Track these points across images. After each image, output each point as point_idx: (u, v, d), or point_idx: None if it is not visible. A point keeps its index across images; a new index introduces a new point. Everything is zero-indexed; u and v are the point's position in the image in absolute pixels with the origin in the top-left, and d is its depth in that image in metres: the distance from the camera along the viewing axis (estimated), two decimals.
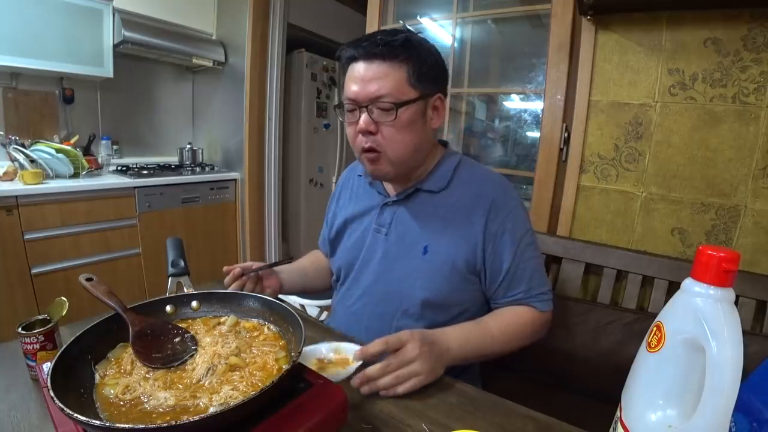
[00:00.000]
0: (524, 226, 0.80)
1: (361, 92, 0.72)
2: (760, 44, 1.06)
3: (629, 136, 1.26)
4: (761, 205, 1.10)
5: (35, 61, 1.85)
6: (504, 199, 0.79)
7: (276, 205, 2.72)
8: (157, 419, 0.44)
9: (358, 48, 0.73)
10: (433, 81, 0.76)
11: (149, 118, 2.62)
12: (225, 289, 0.79)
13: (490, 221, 0.77)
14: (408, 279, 0.80)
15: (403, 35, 0.73)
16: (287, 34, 2.61)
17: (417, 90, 0.73)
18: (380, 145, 0.74)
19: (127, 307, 0.58)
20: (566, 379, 1.15)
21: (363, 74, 0.72)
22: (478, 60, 1.77)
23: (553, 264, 1.34)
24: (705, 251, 0.39)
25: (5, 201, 1.62)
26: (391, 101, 0.71)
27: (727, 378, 0.35)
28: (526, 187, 1.63)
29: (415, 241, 0.80)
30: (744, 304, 1.00)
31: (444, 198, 0.81)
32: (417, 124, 0.75)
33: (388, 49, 0.71)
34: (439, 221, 0.80)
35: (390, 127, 0.72)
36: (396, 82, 0.71)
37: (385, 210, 0.85)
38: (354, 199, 0.92)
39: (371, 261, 0.85)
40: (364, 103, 0.72)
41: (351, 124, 0.76)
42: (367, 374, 0.62)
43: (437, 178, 0.81)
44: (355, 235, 0.89)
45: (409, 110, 0.73)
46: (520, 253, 0.78)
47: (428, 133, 0.79)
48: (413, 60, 0.72)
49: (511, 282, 0.79)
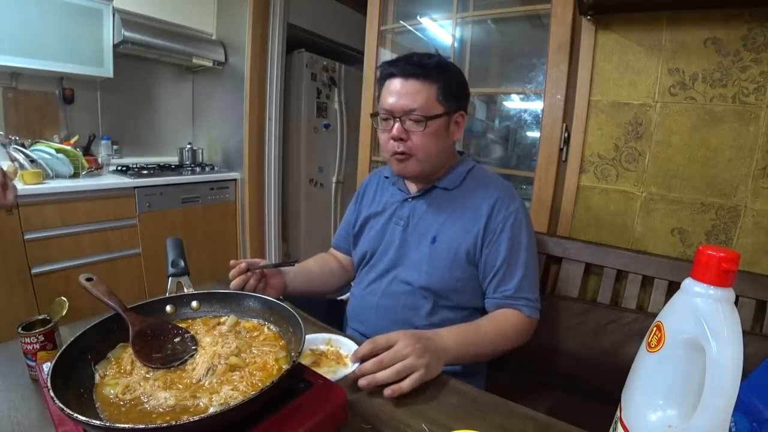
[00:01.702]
0: (522, 231, 0.87)
1: (397, 105, 0.83)
2: (760, 44, 1.06)
3: (629, 136, 1.26)
4: (761, 205, 1.10)
5: (35, 61, 1.85)
6: (508, 200, 0.88)
7: (276, 205, 2.72)
8: (157, 419, 0.44)
9: (396, 66, 0.84)
10: (457, 100, 0.87)
11: (149, 118, 2.62)
12: (226, 287, 0.80)
13: (492, 218, 0.86)
14: (416, 264, 0.90)
15: (436, 59, 0.85)
16: (287, 34, 2.61)
17: (443, 106, 0.85)
18: (410, 149, 0.85)
19: (127, 307, 0.58)
20: (566, 379, 1.15)
21: (399, 89, 0.83)
22: (478, 60, 1.77)
23: (553, 264, 1.34)
24: (705, 251, 0.39)
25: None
26: (422, 114, 0.82)
27: (727, 378, 0.35)
28: (526, 187, 1.63)
29: (426, 231, 0.91)
30: (744, 304, 1.00)
31: (456, 195, 0.91)
32: (441, 135, 0.86)
33: (422, 69, 0.82)
34: (449, 215, 0.90)
35: (420, 135, 0.84)
36: (427, 99, 0.82)
37: (405, 205, 0.96)
38: (377, 197, 1.03)
39: (389, 249, 0.95)
40: (398, 115, 0.83)
41: (385, 131, 0.87)
42: (363, 369, 0.63)
43: (452, 178, 0.93)
44: (377, 227, 0.99)
45: (436, 123, 0.84)
46: (515, 251, 0.86)
47: (449, 143, 0.91)
48: (443, 81, 0.84)
49: (504, 277, 0.86)
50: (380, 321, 0.90)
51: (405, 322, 0.90)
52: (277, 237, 2.75)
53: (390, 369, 0.62)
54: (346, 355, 0.72)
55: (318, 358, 0.71)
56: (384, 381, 0.61)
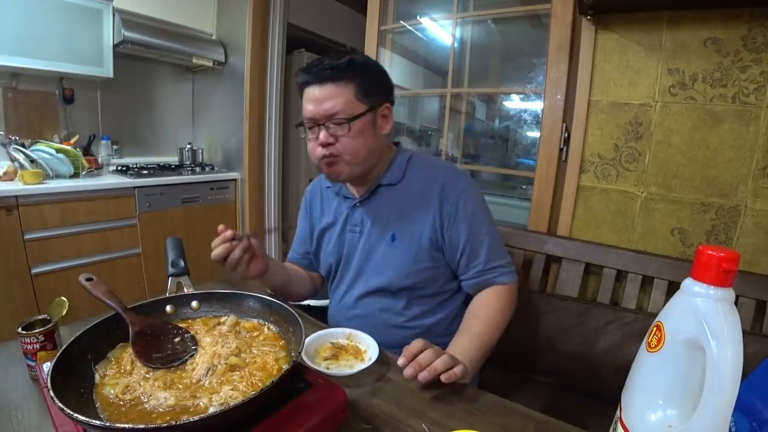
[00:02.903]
0: (475, 204, 0.88)
1: (318, 111, 0.81)
2: (760, 44, 1.06)
3: (629, 136, 1.26)
4: (761, 205, 1.10)
5: (35, 61, 1.85)
6: (454, 182, 0.88)
7: (276, 205, 2.72)
8: (157, 419, 0.44)
9: (309, 74, 0.82)
10: (378, 94, 0.86)
11: (149, 118, 2.62)
12: (226, 287, 0.79)
13: (444, 202, 0.87)
14: (382, 266, 0.90)
15: (347, 58, 0.82)
16: (287, 34, 2.61)
17: (365, 104, 0.83)
18: (338, 152, 0.83)
19: (127, 307, 0.58)
20: (566, 379, 1.15)
21: (317, 95, 0.81)
22: (478, 60, 1.77)
23: (553, 264, 1.34)
24: (705, 251, 0.39)
25: (5, 201, 1.62)
26: (344, 117, 0.81)
27: (727, 378, 0.35)
28: (526, 187, 1.63)
29: (383, 231, 0.90)
30: (744, 304, 1.00)
31: (402, 188, 0.91)
32: (368, 132, 0.85)
33: (335, 72, 0.81)
34: (401, 209, 0.90)
35: (345, 138, 0.82)
36: (346, 100, 0.81)
37: (355, 211, 0.94)
38: (325, 209, 1.01)
39: (352, 258, 0.95)
40: (321, 121, 0.82)
41: (312, 140, 0.86)
42: (420, 361, 0.64)
43: (393, 172, 0.92)
44: (333, 240, 0.97)
45: (360, 122, 0.82)
46: (475, 228, 0.87)
47: (380, 138, 0.89)
48: (359, 78, 0.82)
49: (470, 255, 0.87)
50: (361, 330, 0.84)
51: (384, 323, 0.91)
52: (277, 237, 2.76)
53: (442, 359, 0.65)
54: (364, 350, 0.73)
55: (338, 351, 0.73)
56: (439, 369, 0.63)
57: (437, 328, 0.92)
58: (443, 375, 0.63)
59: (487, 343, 0.80)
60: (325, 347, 0.74)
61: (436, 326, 0.92)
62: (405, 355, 0.65)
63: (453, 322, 0.92)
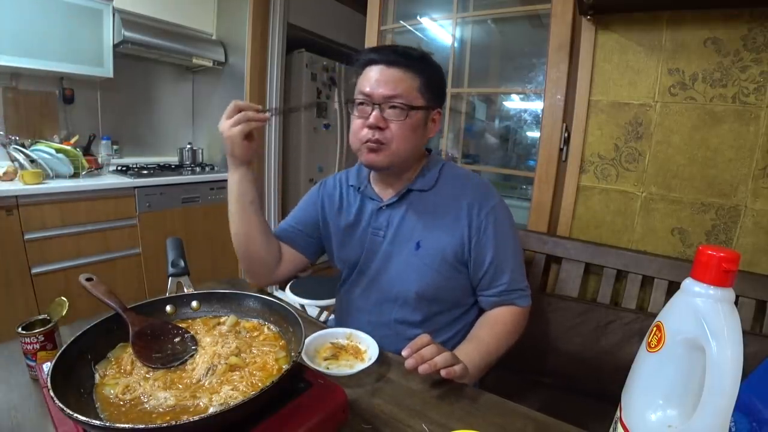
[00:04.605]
0: (505, 224, 0.88)
1: (377, 91, 0.79)
2: (760, 44, 1.06)
3: (629, 136, 1.26)
4: (761, 205, 1.10)
5: (35, 61, 1.84)
6: (486, 198, 0.87)
7: (276, 204, 2.72)
8: (157, 419, 0.44)
9: (379, 53, 0.81)
10: (437, 96, 0.86)
11: (149, 118, 2.62)
12: (226, 287, 0.79)
13: (474, 217, 0.85)
14: (403, 274, 0.87)
15: (420, 51, 0.83)
16: (287, 34, 2.61)
17: (424, 99, 0.82)
18: (386, 139, 0.80)
19: (127, 307, 0.58)
20: (566, 379, 1.15)
21: (380, 76, 0.79)
22: (478, 60, 1.76)
23: (553, 264, 1.34)
24: (705, 251, 0.39)
25: (5, 201, 1.62)
26: (404, 102, 0.79)
27: (727, 378, 0.35)
28: (526, 187, 1.63)
29: (408, 238, 0.87)
30: (744, 304, 1.00)
31: (433, 196, 0.88)
32: (419, 130, 0.84)
33: (407, 59, 0.80)
34: (429, 217, 0.87)
35: (399, 124, 0.80)
36: (410, 88, 0.80)
37: (381, 214, 0.91)
38: (344, 207, 0.96)
39: (372, 261, 0.92)
40: (378, 101, 0.79)
41: (360, 118, 0.82)
42: (423, 354, 0.64)
43: (426, 178, 0.89)
44: (355, 239, 0.94)
45: (417, 115, 0.81)
46: (502, 248, 0.86)
47: (424, 140, 0.88)
48: (427, 74, 0.82)
49: (495, 274, 0.86)
50: (373, 329, 0.83)
51: (399, 334, 0.88)
52: None
53: (443, 355, 0.64)
54: (364, 350, 0.73)
55: (338, 351, 0.73)
56: (441, 364, 0.63)
57: (449, 345, 0.87)
58: (443, 370, 0.63)
59: (491, 354, 0.80)
60: (325, 347, 0.74)
61: (449, 343, 0.89)
62: (410, 346, 0.65)
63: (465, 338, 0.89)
